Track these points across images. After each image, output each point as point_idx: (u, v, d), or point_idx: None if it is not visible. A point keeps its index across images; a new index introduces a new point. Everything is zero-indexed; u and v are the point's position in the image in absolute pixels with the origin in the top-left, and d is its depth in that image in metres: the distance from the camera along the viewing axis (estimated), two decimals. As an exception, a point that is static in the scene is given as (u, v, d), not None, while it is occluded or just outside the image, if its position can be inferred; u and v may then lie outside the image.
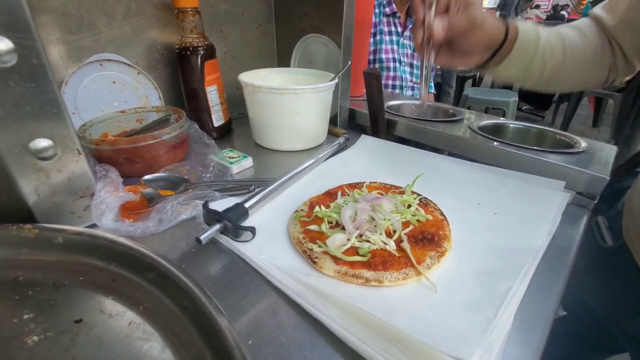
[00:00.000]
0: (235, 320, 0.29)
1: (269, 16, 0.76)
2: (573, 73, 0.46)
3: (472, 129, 0.61)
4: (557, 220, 0.40)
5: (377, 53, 1.52)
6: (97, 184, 0.39)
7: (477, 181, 0.47)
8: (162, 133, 0.50)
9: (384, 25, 1.51)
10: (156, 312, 0.29)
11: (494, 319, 0.27)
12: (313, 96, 0.56)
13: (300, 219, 0.39)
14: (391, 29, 1.52)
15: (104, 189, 0.37)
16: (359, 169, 0.53)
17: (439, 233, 0.37)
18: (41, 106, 0.34)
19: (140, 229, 0.36)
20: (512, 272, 0.32)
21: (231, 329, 0.23)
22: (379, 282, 0.31)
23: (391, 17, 1.50)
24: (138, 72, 0.61)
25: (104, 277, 0.32)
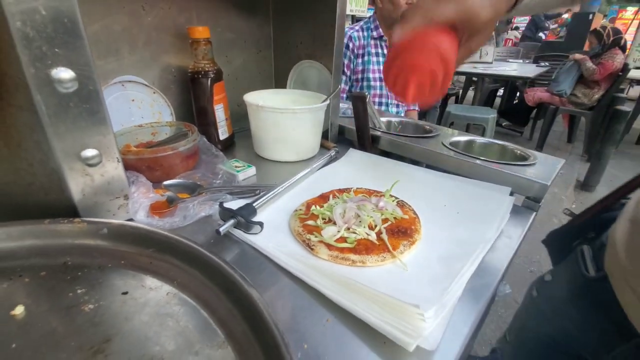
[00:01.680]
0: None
1: (268, 44, 0.86)
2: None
3: (444, 145, 0.71)
4: (505, 218, 0.50)
5: (365, 72, 1.65)
6: (131, 186, 0.47)
7: (444, 187, 0.57)
8: (179, 145, 0.58)
9: (372, 47, 1.64)
10: (188, 285, 0.37)
11: (448, 287, 0.36)
12: (309, 115, 0.66)
13: (299, 216, 0.48)
14: (378, 50, 1.65)
15: (138, 191, 0.45)
16: (347, 177, 0.62)
17: (411, 227, 0.46)
18: (92, 123, 0.42)
19: (169, 223, 0.44)
20: (465, 256, 0.42)
21: (256, 292, 0.31)
22: (362, 263, 0.40)
23: (378, 40, 1.64)
24: (154, 91, 0.70)
25: (143, 261, 0.40)
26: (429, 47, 0.35)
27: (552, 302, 0.58)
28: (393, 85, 0.38)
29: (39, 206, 0.44)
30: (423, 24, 0.35)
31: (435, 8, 0.34)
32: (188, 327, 0.32)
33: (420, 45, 0.35)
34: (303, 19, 0.77)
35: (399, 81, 0.37)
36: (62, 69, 0.37)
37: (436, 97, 0.38)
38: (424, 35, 0.35)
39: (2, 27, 0.33)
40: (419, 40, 0.35)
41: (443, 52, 0.35)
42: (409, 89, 0.37)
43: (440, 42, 0.35)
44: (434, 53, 0.35)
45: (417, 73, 0.36)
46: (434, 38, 0.35)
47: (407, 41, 0.36)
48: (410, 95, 0.37)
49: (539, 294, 0.62)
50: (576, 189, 2.75)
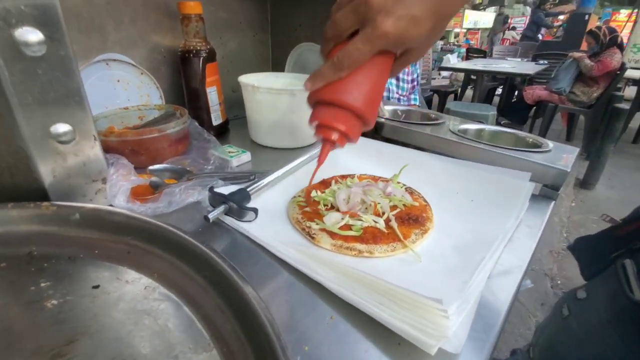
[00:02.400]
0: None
1: (265, 25, 0.81)
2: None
3: (451, 131, 0.66)
4: (524, 207, 0.45)
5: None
6: (110, 168, 0.42)
7: (455, 174, 0.52)
8: (166, 127, 0.53)
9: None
10: (171, 277, 0.32)
11: (469, 280, 0.32)
12: (308, 97, 0.61)
13: (298, 203, 0.43)
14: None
15: (117, 173, 0.40)
16: (349, 164, 0.57)
17: (422, 215, 0.42)
18: (64, 94, 0.37)
19: (152, 209, 0.39)
20: (484, 246, 0.37)
21: (248, 285, 0.27)
22: (370, 253, 0.35)
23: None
24: (141, 72, 0.65)
25: (119, 250, 0.35)
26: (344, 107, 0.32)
27: (586, 324, 0.52)
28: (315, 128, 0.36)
29: (3, 189, 0.39)
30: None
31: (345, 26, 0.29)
32: (168, 326, 0.27)
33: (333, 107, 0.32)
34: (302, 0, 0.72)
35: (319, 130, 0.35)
36: (29, 29, 0.32)
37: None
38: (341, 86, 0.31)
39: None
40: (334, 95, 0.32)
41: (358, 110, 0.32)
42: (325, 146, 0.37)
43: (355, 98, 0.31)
44: (347, 115, 0.32)
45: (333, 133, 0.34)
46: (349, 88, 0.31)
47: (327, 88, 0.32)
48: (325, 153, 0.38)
49: (571, 313, 0.56)
50: (575, 187, 2.73)
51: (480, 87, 3.56)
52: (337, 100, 0.31)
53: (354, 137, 0.35)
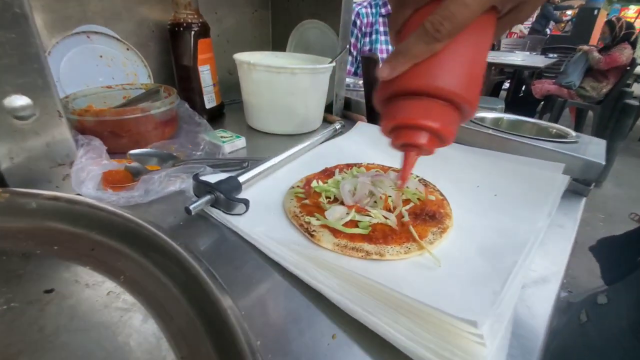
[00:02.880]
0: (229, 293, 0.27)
1: (265, 1, 0.74)
2: None
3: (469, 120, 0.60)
4: (556, 202, 0.39)
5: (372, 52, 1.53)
6: (79, 150, 0.36)
7: (475, 165, 0.46)
8: (151, 107, 0.47)
9: (380, 25, 1.52)
10: (139, 281, 0.26)
11: (501, 292, 0.26)
12: (309, 78, 0.55)
13: (296, 195, 0.37)
14: (386, 29, 1.53)
15: (86, 156, 0.35)
16: (355, 152, 0.51)
17: (440, 211, 0.36)
18: (20, 60, 0.31)
19: (125, 198, 0.34)
20: (515, 248, 0.31)
21: (227, 297, 0.21)
22: (380, 255, 0.30)
23: (387, 18, 1.51)
24: (127, 47, 0.59)
25: (82, 246, 0.29)
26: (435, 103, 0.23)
27: (606, 331, 0.48)
28: (388, 134, 0.27)
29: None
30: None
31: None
32: (129, 343, 0.22)
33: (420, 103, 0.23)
34: (306, -31, 0.66)
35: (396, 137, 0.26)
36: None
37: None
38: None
39: None
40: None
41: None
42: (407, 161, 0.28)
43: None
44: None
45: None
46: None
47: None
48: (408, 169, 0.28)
49: (590, 319, 0.51)
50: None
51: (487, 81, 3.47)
52: (430, 86, 0.22)
53: (449, 137, 0.25)
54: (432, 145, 0.25)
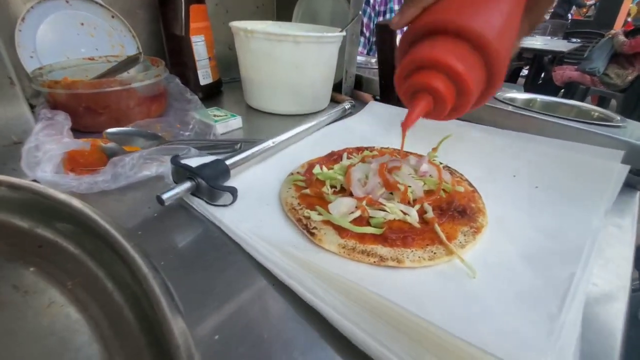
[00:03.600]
0: (202, 306, 0.21)
1: (269, -35, 0.67)
2: None
3: (497, 99, 0.52)
4: (613, 197, 0.32)
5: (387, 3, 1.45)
6: (37, 125, 0.30)
7: (511, 151, 0.39)
8: (133, 79, 0.41)
9: (394, 4, 1.42)
10: (88, 290, 0.21)
11: (559, 315, 0.20)
12: (316, 48, 0.48)
13: (295, 183, 0.31)
14: (402, 5, 1.44)
15: (43, 132, 0.29)
16: (367, 135, 0.44)
17: (470, 205, 0.29)
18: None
19: (87, 183, 0.28)
20: (570, 255, 0.25)
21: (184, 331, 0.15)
22: (398, 261, 0.23)
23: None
24: (112, 15, 0.52)
25: (27, 243, 0.23)
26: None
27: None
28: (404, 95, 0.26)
29: None
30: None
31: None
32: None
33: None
34: None
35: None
36: None
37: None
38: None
39: None
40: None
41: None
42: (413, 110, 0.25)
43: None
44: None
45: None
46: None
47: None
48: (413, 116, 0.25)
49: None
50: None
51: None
52: (461, 23, 0.21)
53: (468, 92, 0.23)
54: (447, 93, 0.23)
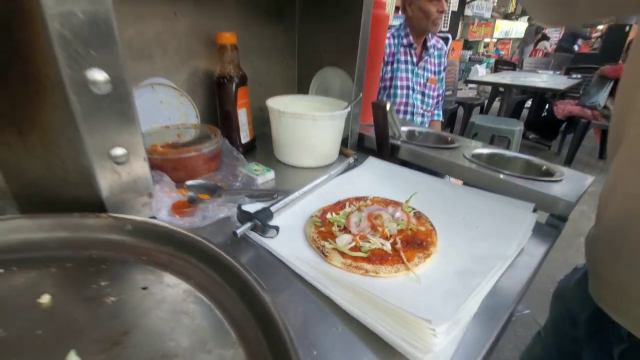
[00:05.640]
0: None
1: (293, 50, 0.88)
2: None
3: (465, 157, 0.69)
4: (527, 236, 0.48)
5: (393, 80, 1.64)
6: (156, 186, 0.48)
7: (464, 200, 0.56)
8: (202, 147, 0.60)
9: (401, 55, 1.63)
10: (204, 284, 0.37)
11: (462, 304, 0.35)
12: (329, 122, 0.67)
13: (314, 223, 0.48)
14: (407, 58, 1.64)
15: (162, 190, 0.47)
16: (364, 186, 0.62)
17: (427, 239, 0.46)
18: (122, 123, 0.44)
19: (189, 222, 0.46)
20: (483, 272, 0.41)
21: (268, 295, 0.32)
22: (376, 273, 0.40)
23: (408, 48, 1.63)
24: (181, 94, 0.72)
25: (162, 258, 0.41)
26: None
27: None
28: None
29: (69, 201, 0.47)
30: None
31: None
32: (202, 325, 0.33)
33: None
34: (328, 27, 0.78)
35: None
36: (96, 71, 0.39)
37: None
38: None
39: (41, 29, 0.36)
40: None
41: None
42: None
43: None
44: None
45: None
46: None
47: None
48: None
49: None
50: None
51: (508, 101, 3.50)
52: None
53: None
54: None
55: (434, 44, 1.74)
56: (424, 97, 1.76)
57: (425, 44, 1.70)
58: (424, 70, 1.71)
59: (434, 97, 1.80)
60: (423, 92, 1.74)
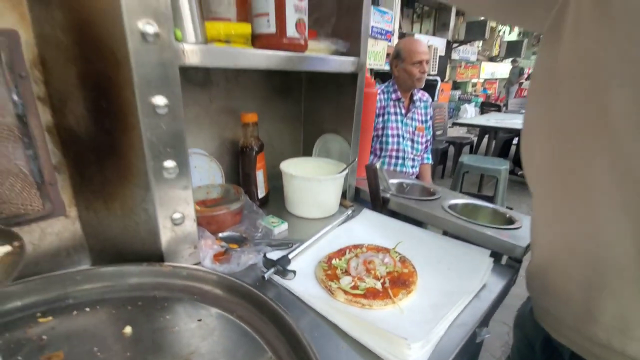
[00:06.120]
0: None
1: (299, 121, 1.06)
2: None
3: (443, 208, 0.85)
4: (486, 276, 0.62)
5: (384, 129, 1.86)
6: (200, 240, 0.63)
7: (439, 247, 0.71)
8: (231, 206, 0.75)
9: (391, 108, 1.86)
10: (244, 316, 0.51)
11: (434, 328, 0.49)
12: (331, 182, 0.83)
13: (322, 267, 0.63)
14: (397, 110, 1.87)
15: (205, 242, 0.62)
16: (360, 235, 0.77)
17: (409, 279, 0.60)
18: (182, 195, 0.59)
19: (228, 268, 0.60)
20: (451, 304, 0.54)
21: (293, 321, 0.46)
22: (370, 306, 0.54)
23: (397, 102, 1.86)
24: (211, 160, 0.89)
25: (210, 296, 0.55)
26: None
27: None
28: None
29: (135, 252, 0.61)
30: None
31: None
32: (245, 346, 0.46)
33: None
34: (328, 103, 0.97)
35: None
36: (169, 161, 0.56)
37: None
38: None
39: (137, 137, 0.52)
40: None
41: None
42: None
43: None
44: None
45: None
46: None
47: None
48: None
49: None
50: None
51: (495, 139, 3.74)
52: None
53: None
54: None
55: (420, 97, 1.98)
56: (413, 144, 1.96)
57: (412, 97, 1.93)
58: (412, 120, 1.93)
59: (422, 143, 2.00)
60: (412, 139, 1.95)
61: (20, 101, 0.49)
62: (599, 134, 0.38)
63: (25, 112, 0.50)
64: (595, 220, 0.42)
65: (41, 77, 0.52)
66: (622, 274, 0.41)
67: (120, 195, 0.58)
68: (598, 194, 0.40)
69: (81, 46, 0.48)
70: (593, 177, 0.40)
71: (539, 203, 0.51)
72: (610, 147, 0.38)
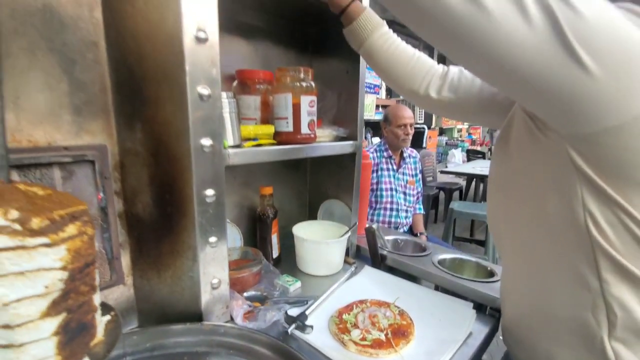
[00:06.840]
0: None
1: (305, 189, 1.23)
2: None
3: (432, 263, 0.99)
4: (471, 325, 0.75)
5: (378, 184, 2.05)
6: (232, 300, 0.76)
7: (431, 300, 0.83)
8: (253, 268, 0.89)
9: (384, 164, 2.07)
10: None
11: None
12: (337, 244, 0.97)
13: (334, 321, 0.75)
14: (389, 166, 2.08)
15: (236, 303, 0.74)
16: (364, 289, 0.89)
17: (408, 330, 0.72)
18: (219, 264, 0.73)
19: (256, 325, 0.72)
20: (442, 352, 0.67)
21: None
22: (377, 355, 0.66)
23: (388, 159, 2.08)
24: (232, 225, 1.04)
25: (245, 350, 0.66)
26: None
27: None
28: None
29: (177, 313, 0.73)
30: None
31: None
32: (279, 391, 0.58)
33: None
34: (330, 175, 1.15)
35: None
36: (213, 237, 0.70)
37: None
38: None
39: (190, 219, 0.67)
40: None
41: None
42: None
43: None
44: None
45: None
46: None
47: None
48: None
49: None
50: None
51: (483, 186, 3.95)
52: None
53: None
54: None
55: (410, 154, 2.20)
56: (405, 196, 2.14)
57: (402, 154, 2.15)
58: (403, 175, 2.13)
59: (414, 195, 2.18)
60: (404, 192, 2.13)
61: (104, 196, 0.64)
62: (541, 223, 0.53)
63: (107, 205, 0.65)
64: (542, 281, 0.56)
65: (119, 177, 0.68)
66: (569, 326, 0.54)
67: (172, 265, 0.71)
68: (540, 260, 0.55)
69: (155, 156, 0.65)
70: (536, 249, 0.55)
71: (504, 267, 0.66)
72: (547, 230, 0.52)
